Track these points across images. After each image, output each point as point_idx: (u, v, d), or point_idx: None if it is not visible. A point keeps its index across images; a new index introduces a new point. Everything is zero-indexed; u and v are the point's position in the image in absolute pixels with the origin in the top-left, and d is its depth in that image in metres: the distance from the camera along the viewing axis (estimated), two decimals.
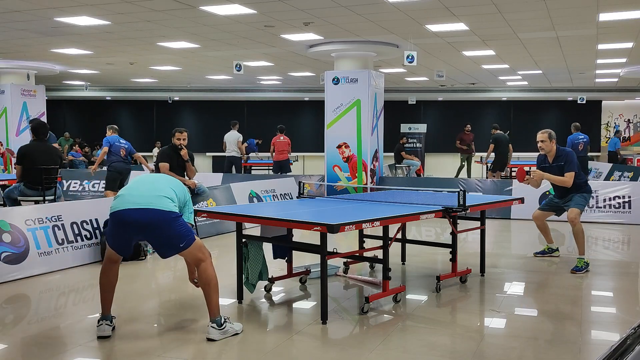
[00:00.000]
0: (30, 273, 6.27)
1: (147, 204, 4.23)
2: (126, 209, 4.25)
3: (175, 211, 4.30)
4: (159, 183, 4.46)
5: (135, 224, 4.26)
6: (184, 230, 4.29)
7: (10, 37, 11.61)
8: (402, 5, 8.99)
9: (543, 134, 6.71)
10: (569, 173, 6.58)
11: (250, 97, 22.99)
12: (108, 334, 4.38)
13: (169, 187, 4.42)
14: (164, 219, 4.23)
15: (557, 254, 7.27)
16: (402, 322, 4.81)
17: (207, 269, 4.34)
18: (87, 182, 13.36)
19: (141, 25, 10.34)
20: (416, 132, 21.00)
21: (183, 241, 4.27)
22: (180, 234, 4.27)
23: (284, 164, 15.32)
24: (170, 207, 4.27)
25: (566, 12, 9.39)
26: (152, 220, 4.23)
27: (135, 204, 4.25)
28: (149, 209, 4.22)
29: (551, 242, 7.27)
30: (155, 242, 4.41)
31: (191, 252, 4.33)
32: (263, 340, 4.42)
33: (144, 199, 4.26)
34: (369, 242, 6.24)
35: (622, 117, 23.56)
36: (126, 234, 4.32)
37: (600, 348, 4.24)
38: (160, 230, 4.27)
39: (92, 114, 23.87)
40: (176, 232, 4.27)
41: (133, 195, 4.32)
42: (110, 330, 4.41)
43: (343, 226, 4.39)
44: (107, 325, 4.39)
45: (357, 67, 12.56)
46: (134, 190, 4.37)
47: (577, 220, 6.48)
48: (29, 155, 8.32)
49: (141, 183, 4.48)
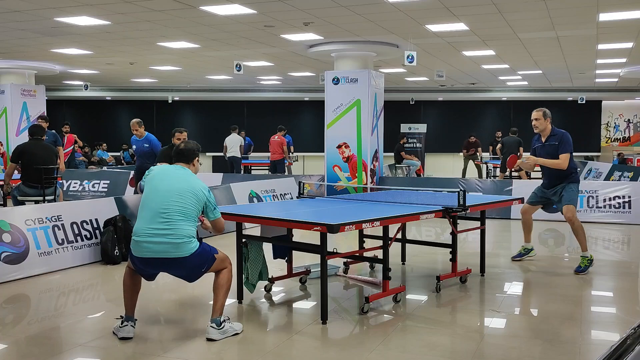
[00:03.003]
0: (30, 273, 6.27)
1: (164, 252, 4.16)
2: (143, 257, 4.22)
3: (194, 250, 4.20)
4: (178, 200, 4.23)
5: (153, 267, 4.32)
6: (203, 260, 4.30)
7: (10, 37, 11.61)
8: (402, 5, 8.99)
9: (537, 112, 6.54)
10: (563, 155, 6.36)
11: (250, 97, 23.00)
12: (131, 336, 4.35)
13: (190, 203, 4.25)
14: (182, 263, 4.24)
15: (533, 254, 7.11)
16: (402, 322, 4.81)
17: (225, 274, 4.41)
18: (87, 182, 13.36)
19: (141, 25, 10.34)
20: (416, 132, 21.00)
21: (204, 267, 4.34)
22: (201, 265, 4.31)
23: (278, 164, 15.31)
24: (188, 251, 4.18)
25: (566, 12, 9.39)
26: (167, 266, 4.27)
27: (152, 252, 4.18)
28: (166, 259, 4.19)
29: (528, 241, 7.09)
30: (177, 276, 4.45)
31: (214, 268, 4.40)
32: (263, 340, 4.42)
33: (161, 246, 4.14)
34: (369, 242, 6.24)
35: (622, 117, 23.56)
36: (147, 270, 4.37)
37: (600, 348, 4.24)
38: (180, 271, 4.36)
39: (92, 114, 23.87)
40: (196, 264, 4.30)
41: (149, 234, 4.17)
42: (133, 332, 4.38)
43: (343, 226, 4.39)
44: (131, 327, 4.37)
45: (357, 67, 12.56)
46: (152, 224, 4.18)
47: (574, 217, 6.38)
48: (26, 153, 8.32)
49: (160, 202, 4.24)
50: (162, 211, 4.21)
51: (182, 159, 4.54)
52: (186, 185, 4.32)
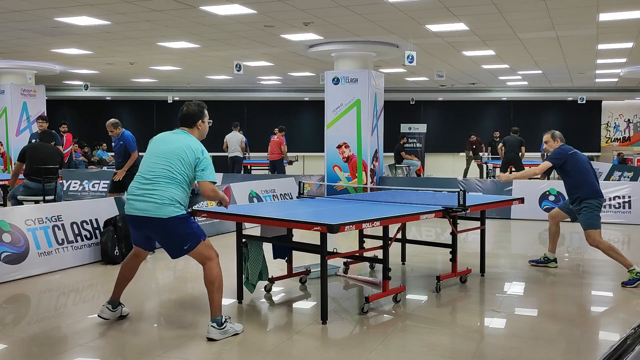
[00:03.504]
0: (30, 273, 6.27)
1: (144, 211, 4.23)
2: (130, 215, 4.34)
3: (176, 214, 4.21)
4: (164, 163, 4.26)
5: (140, 228, 4.38)
6: (186, 233, 4.27)
7: (10, 37, 11.61)
8: (402, 5, 8.99)
9: (547, 135, 6.52)
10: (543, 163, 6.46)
11: (250, 97, 23.00)
12: (105, 317, 4.58)
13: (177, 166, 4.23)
14: (163, 226, 4.23)
15: (553, 265, 6.77)
16: (402, 322, 4.81)
17: (212, 268, 4.32)
18: (87, 182, 13.36)
19: (141, 25, 10.34)
20: (416, 132, 21.00)
21: (187, 243, 4.28)
22: (183, 237, 4.27)
23: (276, 164, 15.32)
24: (168, 213, 4.18)
25: (566, 12, 9.39)
26: (150, 228, 4.31)
27: (136, 210, 4.28)
28: (147, 218, 4.24)
29: (552, 251, 6.81)
30: (161, 243, 4.48)
31: (197, 252, 4.33)
32: (263, 340, 4.42)
33: (144, 204, 4.24)
34: (369, 242, 6.24)
35: (622, 117, 23.57)
36: (136, 233, 4.47)
37: (600, 348, 4.24)
38: (161, 236, 4.35)
39: (92, 114, 23.86)
40: (178, 235, 4.27)
41: (136, 194, 4.30)
42: (110, 314, 4.58)
43: (343, 226, 4.39)
44: (106, 308, 4.58)
45: (357, 67, 12.56)
46: (140, 185, 4.31)
47: (597, 242, 6.07)
48: (30, 149, 8.67)
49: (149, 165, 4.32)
50: (149, 174, 4.30)
51: (184, 123, 4.48)
52: (174, 148, 4.29)
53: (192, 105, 4.51)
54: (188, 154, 4.25)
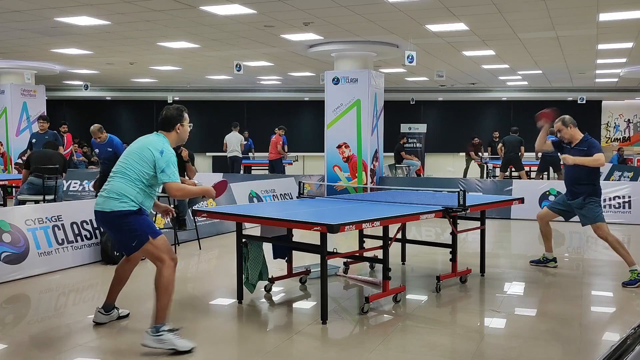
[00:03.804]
0: (30, 273, 6.27)
1: (97, 204, 4.27)
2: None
3: (119, 208, 4.13)
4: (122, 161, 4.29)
5: (98, 223, 4.53)
6: (130, 229, 4.17)
7: (10, 37, 11.61)
8: (402, 5, 8.99)
9: (557, 123, 6.34)
10: (598, 154, 6.04)
11: (250, 97, 23.00)
12: (100, 322, 4.62)
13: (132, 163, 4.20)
14: (108, 220, 4.24)
15: (552, 265, 6.74)
16: (402, 322, 4.81)
17: (162, 272, 4.15)
18: (87, 182, 13.35)
19: (141, 25, 10.34)
20: (416, 132, 21.00)
21: (133, 240, 4.20)
22: (128, 233, 4.20)
23: (275, 164, 15.31)
24: (111, 207, 4.15)
25: (566, 12, 9.39)
26: (100, 221, 4.39)
27: (95, 205, 4.32)
28: (97, 212, 4.27)
29: (549, 250, 6.77)
30: (114, 239, 4.60)
31: (146, 251, 4.22)
32: (263, 340, 4.42)
33: (99, 198, 4.27)
34: (369, 242, 6.24)
35: (622, 117, 23.57)
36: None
37: (600, 348, 4.24)
38: (109, 230, 4.43)
39: (92, 114, 23.85)
40: (123, 231, 4.23)
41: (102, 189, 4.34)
42: (103, 318, 4.63)
43: (343, 226, 4.39)
44: (99, 313, 4.63)
45: (357, 67, 12.56)
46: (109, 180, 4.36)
47: (606, 234, 6.06)
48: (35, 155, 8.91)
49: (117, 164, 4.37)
50: (113, 172, 4.35)
51: (162, 126, 4.41)
52: (136, 147, 4.29)
53: (171, 109, 4.45)
54: (145, 153, 4.20)
